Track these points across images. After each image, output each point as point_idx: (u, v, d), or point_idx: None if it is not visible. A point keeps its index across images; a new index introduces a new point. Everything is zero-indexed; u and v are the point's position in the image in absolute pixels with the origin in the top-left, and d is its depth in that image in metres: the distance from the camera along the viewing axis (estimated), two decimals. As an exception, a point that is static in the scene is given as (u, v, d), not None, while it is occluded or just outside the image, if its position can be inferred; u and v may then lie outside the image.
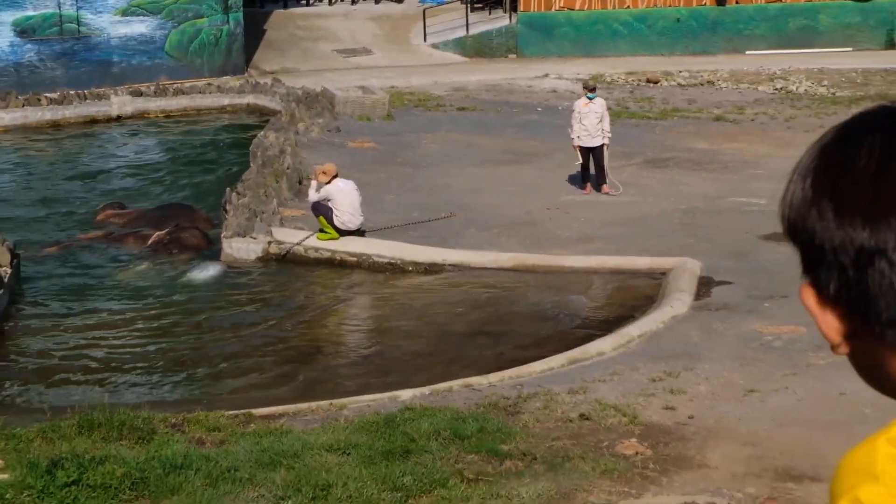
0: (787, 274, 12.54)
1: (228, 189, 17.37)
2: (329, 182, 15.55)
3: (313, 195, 15.67)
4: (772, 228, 14.88)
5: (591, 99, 18.32)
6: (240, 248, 15.63)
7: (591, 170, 18.34)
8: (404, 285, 14.65)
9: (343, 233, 15.58)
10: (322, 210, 15.56)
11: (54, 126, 25.29)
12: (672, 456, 8.70)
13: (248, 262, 15.52)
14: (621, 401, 9.82)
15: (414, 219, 16.56)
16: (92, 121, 25.77)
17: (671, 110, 25.49)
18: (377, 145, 21.64)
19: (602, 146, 18.18)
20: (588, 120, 18.11)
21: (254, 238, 15.69)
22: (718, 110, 25.40)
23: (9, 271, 14.31)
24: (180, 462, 8.19)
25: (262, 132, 21.74)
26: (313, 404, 10.13)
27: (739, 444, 8.92)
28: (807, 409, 9.63)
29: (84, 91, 26.44)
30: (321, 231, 15.63)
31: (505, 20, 34.16)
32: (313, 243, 15.59)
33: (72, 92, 26.30)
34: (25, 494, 7.64)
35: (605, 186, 18.23)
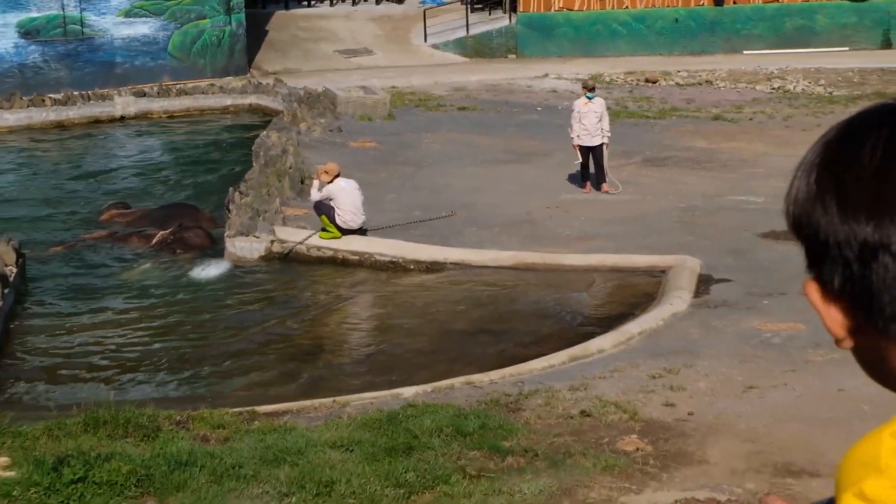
0: (786, 271, 12.62)
1: (231, 188, 17.45)
2: (331, 181, 15.60)
3: (315, 194, 15.72)
4: (770, 226, 14.94)
5: (591, 98, 18.38)
6: (243, 247, 15.70)
7: (591, 169, 18.40)
8: (406, 284, 14.69)
9: (345, 232, 15.63)
10: (324, 209, 15.61)
11: (58, 127, 25.38)
12: (672, 452, 8.74)
13: (252, 261, 15.60)
14: (622, 397, 9.86)
15: (415, 218, 16.60)
16: (96, 121, 25.84)
17: (670, 110, 25.54)
18: (378, 145, 21.69)
19: (601, 145, 18.24)
20: (587, 119, 18.17)
21: (257, 237, 15.76)
22: (717, 109, 25.45)
23: (14, 271, 14.37)
24: (185, 459, 8.19)
25: (265, 132, 21.81)
26: (316, 402, 10.15)
27: (739, 440, 8.95)
28: (805, 406, 9.66)
29: (88, 92, 26.50)
30: (323, 230, 15.68)
31: (505, 21, 34.20)
32: (316, 242, 15.65)
33: (76, 93, 26.37)
34: (32, 491, 7.64)
35: (605, 185, 18.30)
